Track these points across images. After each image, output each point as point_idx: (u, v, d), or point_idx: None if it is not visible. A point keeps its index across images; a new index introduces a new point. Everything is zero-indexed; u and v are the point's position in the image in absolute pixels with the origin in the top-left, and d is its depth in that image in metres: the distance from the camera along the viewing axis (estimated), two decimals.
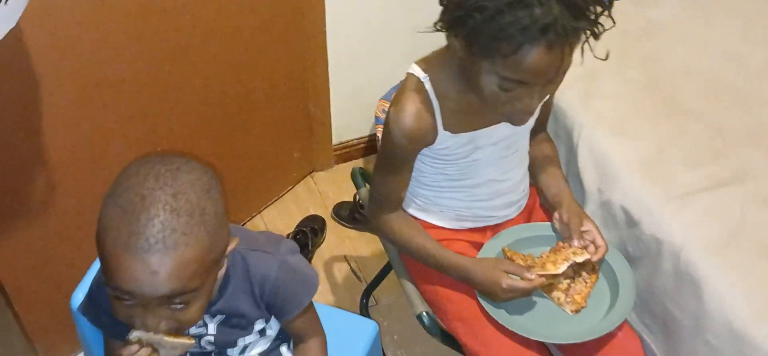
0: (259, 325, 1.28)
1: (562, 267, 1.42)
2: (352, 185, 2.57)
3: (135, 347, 1.07)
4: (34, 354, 2.05)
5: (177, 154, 1.05)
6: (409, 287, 1.63)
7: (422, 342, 2.18)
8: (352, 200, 2.49)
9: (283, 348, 1.37)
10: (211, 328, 1.24)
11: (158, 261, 0.96)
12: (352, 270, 2.39)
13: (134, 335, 1.05)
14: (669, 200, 1.50)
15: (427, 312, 1.58)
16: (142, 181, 0.99)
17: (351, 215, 2.49)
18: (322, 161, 2.71)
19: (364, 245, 2.47)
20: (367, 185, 1.88)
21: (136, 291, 0.99)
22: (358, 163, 2.76)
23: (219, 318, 1.23)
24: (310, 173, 2.72)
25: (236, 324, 1.24)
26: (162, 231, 0.96)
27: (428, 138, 1.42)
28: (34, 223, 1.80)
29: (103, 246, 0.99)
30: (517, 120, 1.33)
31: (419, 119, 1.38)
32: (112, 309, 1.05)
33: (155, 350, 1.08)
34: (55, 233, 1.85)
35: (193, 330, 1.23)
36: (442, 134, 1.42)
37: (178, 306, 1.02)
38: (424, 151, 1.46)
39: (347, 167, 2.73)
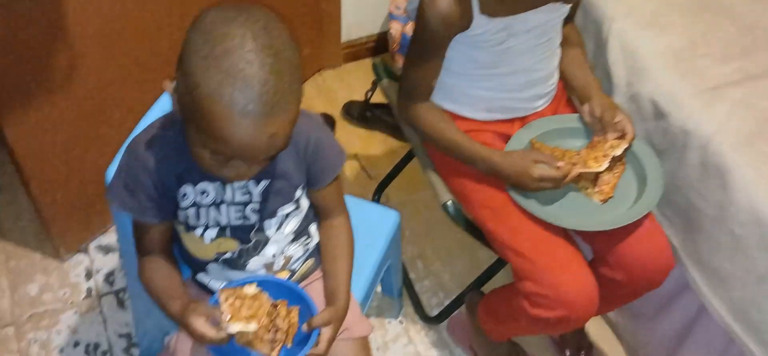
0: (298, 193, 1.30)
1: (605, 164, 1.44)
2: (361, 83, 2.56)
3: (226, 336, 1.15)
4: (48, 239, 2.05)
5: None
6: (434, 177, 1.64)
7: (434, 239, 2.21)
8: (362, 99, 2.47)
9: (312, 227, 1.39)
10: (256, 195, 1.25)
11: (276, 124, 1.03)
12: (363, 169, 2.39)
13: (232, 329, 1.13)
14: (699, 92, 1.50)
15: (452, 201, 1.59)
16: (241, 43, 1.00)
17: (361, 113, 2.47)
18: (330, 59, 2.67)
19: (375, 144, 2.46)
20: (388, 77, 1.86)
21: (251, 153, 1.06)
22: (367, 62, 2.72)
23: (263, 183, 1.24)
24: (319, 70, 2.69)
25: (279, 190, 1.26)
26: (275, 95, 1.01)
27: (464, 22, 1.40)
28: (54, 104, 1.77)
29: (213, 113, 1.01)
30: None
31: (455, 1, 1.37)
32: (197, 159, 1.12)
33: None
34: (75, 114, 1.83)
35: (239, 198, 1.25)
36: (478, 18, 1.40)
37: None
38: (458, 37, 1.44)
39: (356, 66, 2.71)
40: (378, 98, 2.54)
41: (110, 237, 2.13)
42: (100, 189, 2.01)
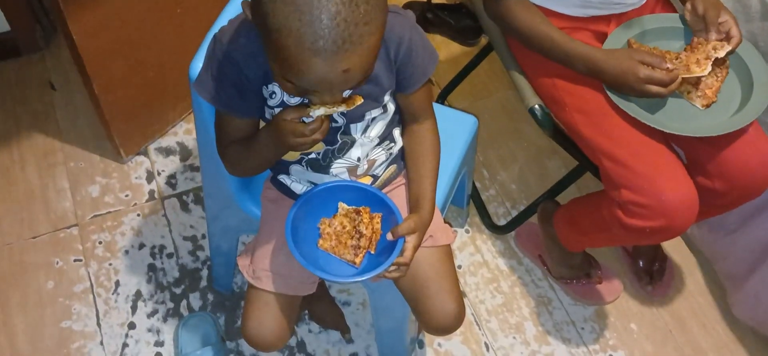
0: (386, 97, 1.23)
1: (708, 68, 1.34)
2: None
3: (317, 123, 1.09)
4: (107, 140, 2.01)
5: None
6: (520, 79, 1.56)
7: (499, 148, 2.15)
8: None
9: (396, 132, 1.33)
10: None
11: (349, 60, 0.95)
12: None
13: (317, 113, 1.06)
14: None
15: (539, 105, 1.51)
16: None
17: (423, 15, 2.37)
18: None
19: (436, 47, 2.35)
20: None
21: (327, 88, 1.00)
22: None
23: None
24: None
25: (368, 94, 1.19)
26: (347, 29, 0.93)
27: None
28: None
29: (282, 47, 0.96)
30: None
31: None
32: (282, 87, 1.06)
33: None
34: (138, 10, 1.75)
35: None
36: None
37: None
38: None
39: None
40: None
41: (170, 140, 2.09)
42: (162, 90, 1.96)
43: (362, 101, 1.10)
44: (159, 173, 2.02)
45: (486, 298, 1.86)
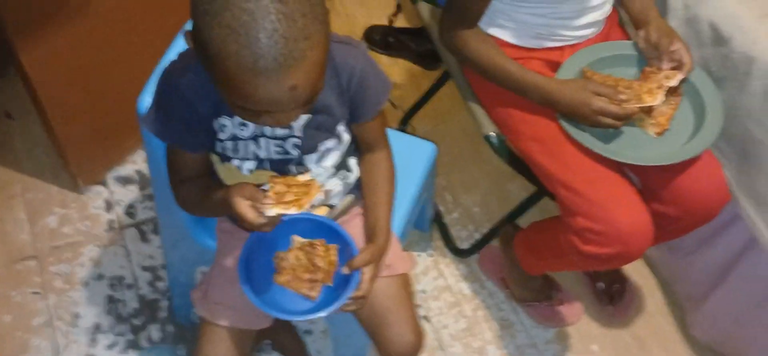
0: (340, 127, 1.23)
1: (660, 98, 1.36)
2: (383, 7, 2.46)
3: (267, 220, 1.10)
4: (65, 170, 1.98)
5: None
6: (476, 107, 1.56)
7: (461, 171, 2.15)
8: (385, 23, 2.36)
9: (351, 161, 1.32)
10: (297, 130, 1.18)
11: (294, 76, 0.94)
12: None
13: (270, 213, 1.08)
14: (765, 15, 1.41)
15: (495, 133, 1.52)
16: None
17: (384, 39, 2.37)
18: None
19: (399, 71, 2.37)
20: None
21: (275, 108, 0.99)
22: None
23: (305, 118, 1.17)
24: None
25: (321, 125, 1.19)
26: (286, 45, 0.92)
27: None
28: (71, 27, 1.67)
29: (225, 72, 0.95)
30: None
31: None
32: (237, 115, 1.08)
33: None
34: (93, 38, 1.73)
35: (279, 132, 1.18)
36: None
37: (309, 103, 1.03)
38: None
39: None
40: (401, 22, 2.45)
41: (128, 169, 2.06)
42: (119, 119, 1.94)
43: (320, 190, 1.12)
44: (117, 203, 2.00)
45: (449, 323, 1.86)
